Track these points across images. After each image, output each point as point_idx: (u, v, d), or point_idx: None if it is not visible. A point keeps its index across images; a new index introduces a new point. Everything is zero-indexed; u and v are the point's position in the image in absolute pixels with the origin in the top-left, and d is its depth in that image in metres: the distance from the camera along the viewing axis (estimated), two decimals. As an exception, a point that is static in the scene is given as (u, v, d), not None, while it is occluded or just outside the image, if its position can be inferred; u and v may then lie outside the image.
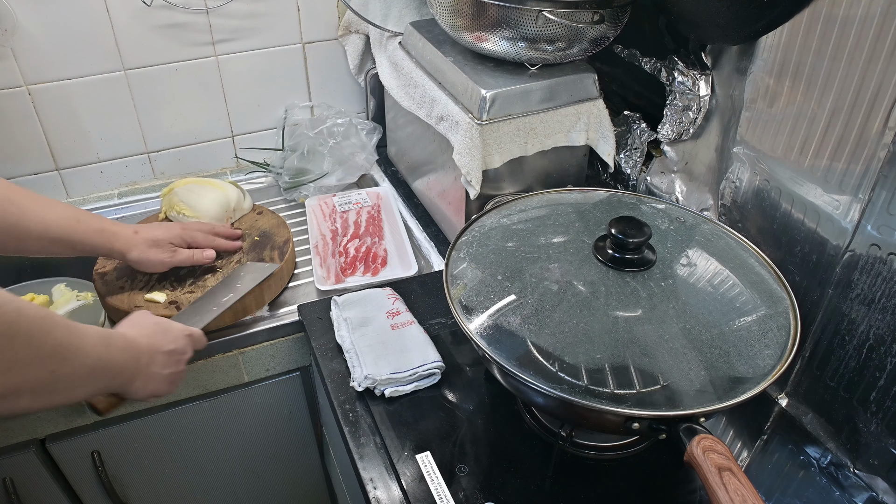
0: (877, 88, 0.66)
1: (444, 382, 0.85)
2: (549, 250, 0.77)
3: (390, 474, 0.75)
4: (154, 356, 0.75)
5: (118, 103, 1.23)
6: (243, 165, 1.40)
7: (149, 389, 0.75)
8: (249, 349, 1.01)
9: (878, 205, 0.68)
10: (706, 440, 0.58)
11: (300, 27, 1.29)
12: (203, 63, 1.26)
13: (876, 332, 0.71)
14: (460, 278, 0.75)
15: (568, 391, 0.62)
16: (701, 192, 0.96)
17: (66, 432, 0.98)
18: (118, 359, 0.69)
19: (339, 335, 0.90)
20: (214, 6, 1.20)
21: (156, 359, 0.75)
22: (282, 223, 1.14)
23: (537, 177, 1.07)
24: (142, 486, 1.11)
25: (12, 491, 0.99)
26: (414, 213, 1.24)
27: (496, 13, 0.90)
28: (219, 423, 1.09)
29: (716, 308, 0.69)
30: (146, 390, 0.74)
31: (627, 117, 1.08)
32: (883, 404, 0.72)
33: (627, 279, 0.71)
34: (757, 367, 0.64)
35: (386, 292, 0.97)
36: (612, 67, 1.14)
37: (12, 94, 1.15)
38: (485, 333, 0.68)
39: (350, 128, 1.32)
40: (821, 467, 0.77)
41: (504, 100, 0.95)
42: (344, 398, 0.84)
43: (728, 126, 0.88)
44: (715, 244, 0.78)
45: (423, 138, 1.16)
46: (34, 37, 1.12)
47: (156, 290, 0.99)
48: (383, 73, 1.23)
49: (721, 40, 0.86)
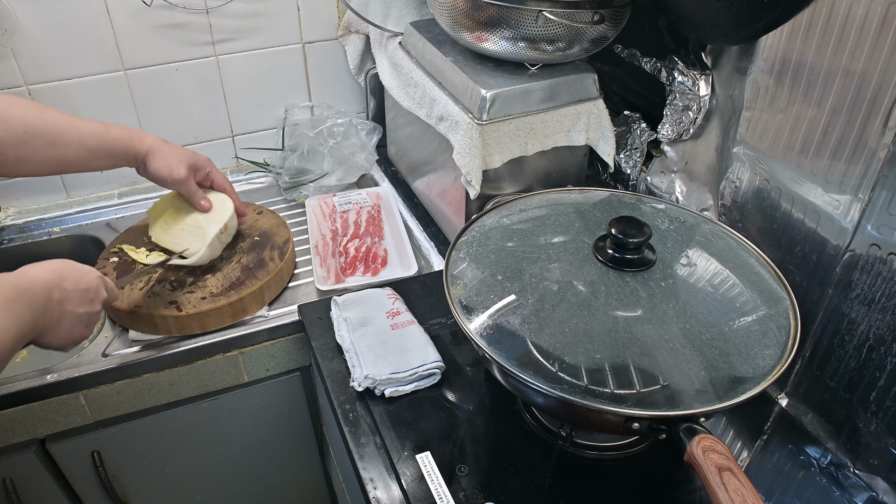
0: (877, 88, 0.66)
1: (444, 382, 0.85)
2: (549, 250, 0.77)
3: (390, 474, 0.75)
4: (65, 294, 0.70)
5: (118, 103, 1.23)
6: (243, 165, 1.40)
7: (64, 332, 0.71)
8: (249, 349, 1.01)
9: (878, 205, 0.68)
10: (706, 440, 0.58)
11: (300, 27, 1.29)
12: (203, 63, 1.26)
13: (876, 332, 0.71)
14: (460, 278, 0.75)
15: (568, 391, 0.62)
16: (701, 192, 0.96)
17: (66, 432, 0.98)
18: (26, 317, 0.65)
19: (339, 335, 0.90)
20: (214, 6, 1.20)
21: (69, 296, 0.71)
22: (282, 223, 1.14)
23: (537, 177, 1.07)
24: (142, 486, 1.11)
25: (12, 491, 0.99)
26: (414, 213, 1.24)
27: (496, 13, 0.90)
28: (219, 423, 1.09)
29: (716, 308, 0.69)
30: (62, 334, 0.71)
31: (627, 117, 1.08)
32: (883, 404, 0.72)
33: (627, 279, 0.71)
34: (757, 367, 0.64)
35: (386, 292, 0.97)
36: (612, 67, 1.14)
37: (12, 95, 1.15)
38: (485, 333, 0.68)
39: (350, 128, 1.32)
40: (821, 467, 0.77)
41: (504, 100, 0.95)
42: (344, 398, 0.84)
43: (728, 126, 0.88)
44: (715, 244, 0.78)
45: (423, 138, 1.16)
46: (34, 37, 1.12)
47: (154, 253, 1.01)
48: (383, 73, 1.23)
49: (721, 40, 0.86)
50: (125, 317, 0.97)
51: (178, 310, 0.95)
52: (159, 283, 1.00)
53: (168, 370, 0.98)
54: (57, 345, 0.72)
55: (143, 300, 0.97)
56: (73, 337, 0.74)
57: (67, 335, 0.72)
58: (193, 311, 0.95)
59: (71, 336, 0.73)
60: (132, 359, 0.95)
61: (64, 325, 0.71)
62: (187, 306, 0.96)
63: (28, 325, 0.65)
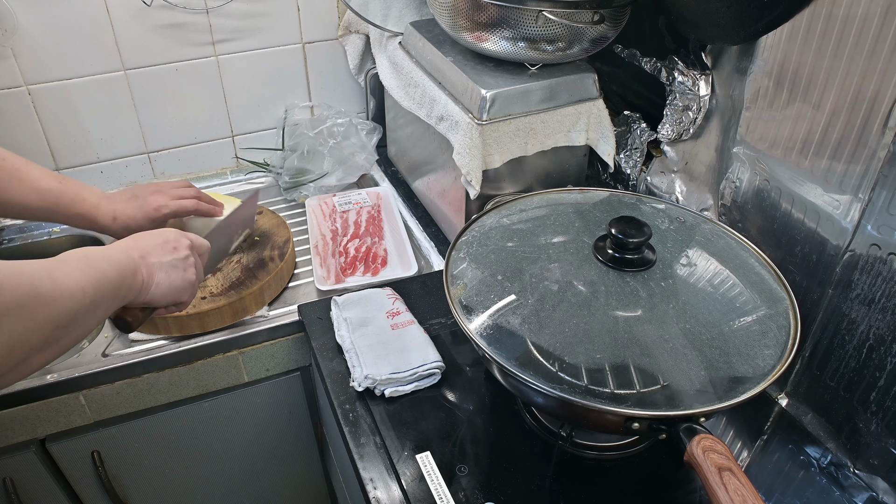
0: (877, 88, 0.66)
1: (444, 382, 0.85)
2: (549, 250, 0.77)
3: (390, 474, 0.75)
4: (145, 249, 0.70)
5: (118, 103, 1.23)
6: (243, 165, 1.40)
7: (164, 283, 0.70)
8: (249, 349, 1.01)
9: (878, 205, 0.68)
10: (706, 440, 0.58)
11: (300, 27, 1.29)
12: (203, 63, 1.26)
13: (876, 332, 0.71)
14: (460, 278, 0.75)
15: (568, 391, 0.62)
16: (701, 192, 0.96)
17: (66, 432, 0.98)
18: (108, 271, 0.63)
19: (339, 335, 0.90)
20: (214, 6, 1.20)
21: (149, 250, 0.71)
22: (282, 223, 1.14)
23: (537, 177, 1.07)
24: (142, 486, 1.11)
25: (12, 491, 0.99)
26: (414, 213, 1.24)
27: (496, 13, 0.90)
28: (219, 423, 1.09)
29: (716, 308, 0.69)
30: (163, 285, 0.70)
31: (627, 117, 1.08)
32: (883, 404, 0.72)
33: (627, 279, 0.71)
34: (757, 367, 0.64)
35: (386, 292, 0.97)
36: (612, 67, 1.14)
37: (12, 94, 1.15)
38: (485, 333, 0.68)
39: (350, 128, 1.32)
40: (821, 467, 0.77)
41: (504, 100, 0.95)
42: (344, 398, 0.84)
43: (728, 126, 0.88)
44: (715, 244, 0.78)
45: (423, 138, 1.16)
46: (34, 37, 1.12)
47: None
48: (383, 73, 1.23)
49: (721, 40, 0.86)
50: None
51: (178, 310, 0.95)
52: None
53: (168, 370, 0.98)
54: (168, 296, 0.72)
55: (143, 300, 0.97)
56: (178, 283, 0.72)
57: (168, 285, 0.71)
58: (193, 311, 0.95)
59: (173, 285, 0.72)
60: (132, 359, 0.95)
61: (159, 276, 0.70)
62: (187, 306, 0.96)
63: (113, 280, 0.64)
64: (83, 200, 0.89)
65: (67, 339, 0.58)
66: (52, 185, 0.86)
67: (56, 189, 0.87)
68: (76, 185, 0.89)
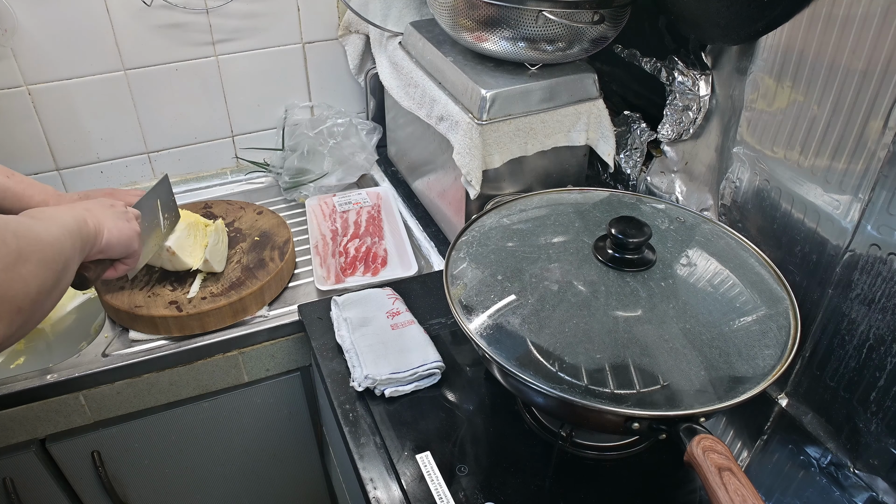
0: (877, 88, 0.66)
1: (444, 382, 0.85)
2: (549, 250, 0.77)
3: (390, 474, 0.75)
4: (86, 206, 0.77)
5: (118, 103, 1.23)
6: (243, 165, 1.40)
7: (115, 229, 0.77)
8: (249, 349, 1.01)
9: (878, 205, 0.68)
10: (706, 440, 0.58)
11: (300, 27, 1.29)
12: (203, 63, 1.26)
13: (876, 332, 0.71)
14: (460, 278, 0.75)
15: (568, 391, 0.62)
16: (701, 192, 0.96)
17: (66, 432, 0.98)
18: (67, 222, 0.69)
19: (339, 335, 0.90)
20: (214, 6, 1.20)
21: (90, 206, 0.77)
22: (282, 223, 1.14)
23: (537, 177, 1.07)
24: (142, 486, 1.11)
25: (12, 491, 0.99)
26: (414, 213, 1.24)
27: (496, 13, 0.90)
28: (219, 423, 1.09)
29: (716, 308, 0.69)
30: (115, 231, 0.77)
31: (627, 117, 1.08)
32: (883, 404, 0.72)
33: (627, 279, 0.71)
34: (757, 367, 0.64)
35: (386, 292, 0.97)
36: (612, 67, 1.14)
37: (12, 94, 1.15)
38: (485, 333, 0.68)
39: (350, 128, 1.32)
40: (821, 467, 0.77)
41: (504, 100, 0.95)
42: (344, 398, 0.84)
43: (728, 126, 0.88)
44: (715, 244, 0.78)
45: (423, 138, 1.16)
46: (34, 37, 1.12)
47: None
48: (383, 73, 1.23)
49: (721, 40, 0.86)
50: (125, 317, 0.97)
51: (178, 310, 0.95)
52: (159, 284, 1.00)
53: (168, 370, 0.98)
54: (120, 244, 0.78)
55: (144, 300, 0.97)
56: (126, 231, 0.80)
57: (118, 232, 0.78)
58: (193, 311, 0.95)
59: (123, 232, 0.79)
60: (132, 359, 0.95)
61: (108, 224, 0.77)
62: (187, 306, 0.96)
63: (74, 230, 0.70)
64: (30, 197, 0.89)
65: (65, 281, 0.65)
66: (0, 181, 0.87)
67: (2, 184, 0.87)
68: (25, 180, 0.89)
